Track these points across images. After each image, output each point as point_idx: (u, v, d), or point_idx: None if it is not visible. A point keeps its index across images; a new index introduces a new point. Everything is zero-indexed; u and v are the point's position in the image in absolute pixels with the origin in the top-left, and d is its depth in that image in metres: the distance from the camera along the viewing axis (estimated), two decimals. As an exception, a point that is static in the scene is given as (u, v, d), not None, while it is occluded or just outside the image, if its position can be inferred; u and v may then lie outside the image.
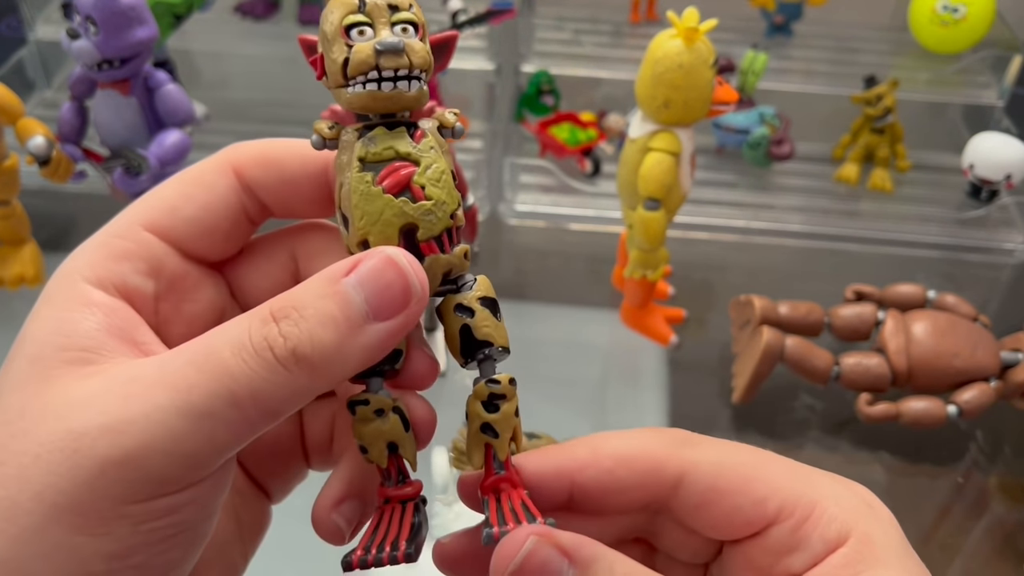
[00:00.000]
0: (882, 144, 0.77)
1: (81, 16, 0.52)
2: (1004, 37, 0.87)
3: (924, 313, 0.56)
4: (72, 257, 0.23)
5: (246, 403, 0.19)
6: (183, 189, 0.23)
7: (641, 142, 0.53)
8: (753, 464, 0.23)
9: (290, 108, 0.81)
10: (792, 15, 0.89)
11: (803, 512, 0.22)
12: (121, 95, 0.55)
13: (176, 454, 0.19)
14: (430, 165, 0.22)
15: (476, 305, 0.22)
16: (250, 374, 0.19)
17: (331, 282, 0.20)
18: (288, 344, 0.19)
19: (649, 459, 0.23)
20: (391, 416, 0.22)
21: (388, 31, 0.22)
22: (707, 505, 0.23)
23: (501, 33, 0.85)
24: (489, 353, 0.23)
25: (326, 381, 0.20)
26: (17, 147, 0.57)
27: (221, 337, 0.20)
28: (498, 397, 0.23)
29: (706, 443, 0.24)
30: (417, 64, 0.22)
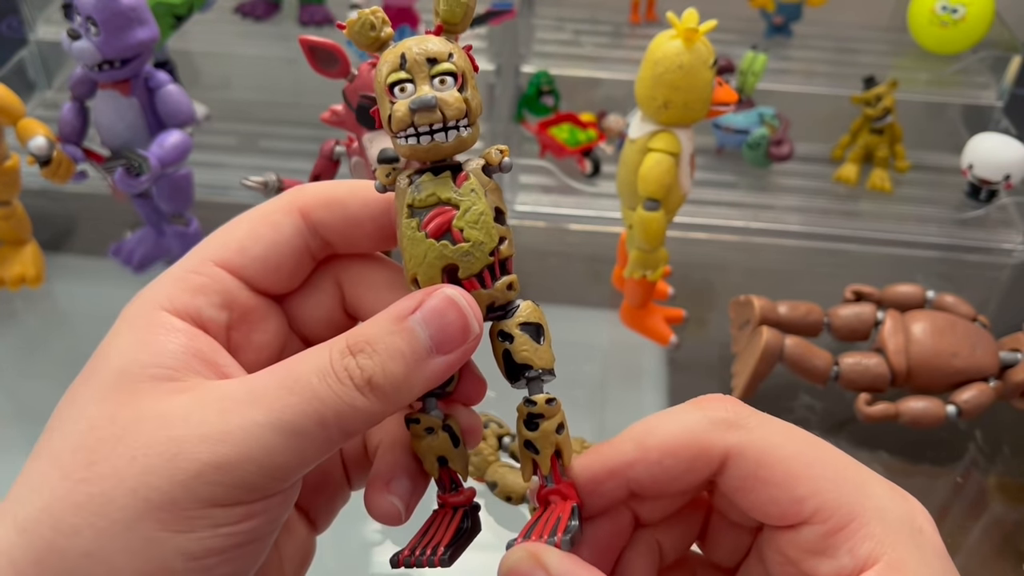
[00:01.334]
0: (881, 144, 0.77)
1: (82, 17, 0.52)
2: (1003, 38, 0.87)
3: (923, 313, 0.56)
4: (149, 288, 0.24)
5: (331, 424, 0.22)
6: (252, 228, 0.25)
7: (641, 142, 0.54)
8: (800, 459, 0.23)
9: (291, 108, 0.81)
10: (791, 16, 0.89)
11: (840, 520, 0.22)
12: (122, 95, 0.55)
13: (268, 466, 0.21)
14: (469, 208, 0.24)
15: (516, 331, 0.25)
16: (335, 399, 0.22)
17: (399, 320, 0.23)
18: (364, 375, 0.22)
19: (694, 446, 0.24)
20: (441, 434, 0.25)
21: (427, 86, 0.23)
22: (747, 491, 0.24)
23: (501, 34, 0.85)
24: (530, 375, 0.25)
25: (395, 406, 0.22)
26: (18, 147, 0.57)
27: (307, 365, 0.22)
28: (536, 416, 0.25)
29: (754, 424, 0.24)
30: (451, 116, 0.23)
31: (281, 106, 0.82)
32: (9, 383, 0.58)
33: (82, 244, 0.70)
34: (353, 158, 0.51)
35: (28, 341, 0.61)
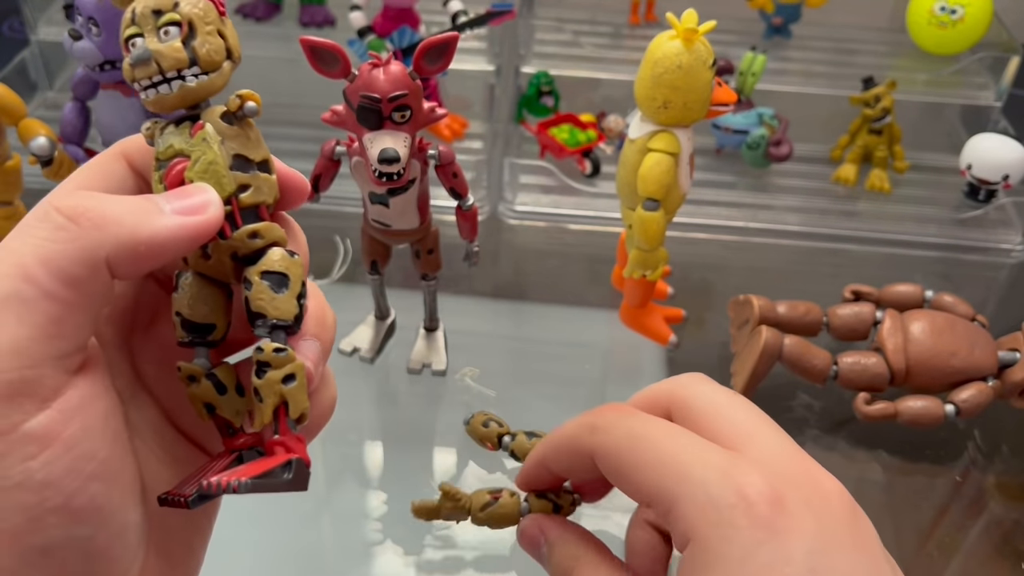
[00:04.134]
0: (880, 145, 0.77)
1: (83, 17, 0.52)
2: (1002, 38, 0.87)
3: (922, 313, 0.56)
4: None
5: (36, 272, 0.19)
6: (83, 177, 0.24)
7: (640, 143, 0.54)
8: (637, 454, 0.26)
9: (292, 108, 0.82)
10: (790, 17, 0.89)
11: (663, 506, 0.25)
12: (123, 96, 0.56)
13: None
14: (199, 159, 0.24)
15: (255, 278, 0.24)
16: (31, 241, 0.20)
17: (139, 195, 0.23)
18: (68, 203, 0.20)
19: (570, 447, 0.29)
20: (203, 382, 0.25)
21: (154, 38, 0.24)
22: (613, 481, 0.27)
23: (501, 34, 0.85)
24: (261, 323, 0.24)
25: (119, 241, 0.21)
26: (20, 148, 0.57)
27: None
28: (263, 364, 0.23)
29: (613, 427, 0.27)
30: (167, 67, 0.23)
31: (282, 106, 0.82)
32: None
33: (83, 244, 0.70)
34: (354, 158, 0.51)
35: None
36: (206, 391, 0.25)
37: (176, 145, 0.24)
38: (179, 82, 0.24)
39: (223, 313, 0.25)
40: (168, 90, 0.24)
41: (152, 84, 0.24)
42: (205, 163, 0.24)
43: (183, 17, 0.24)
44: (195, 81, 0.24)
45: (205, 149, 0.24)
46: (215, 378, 0.25)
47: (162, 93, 0.24)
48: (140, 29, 0.24)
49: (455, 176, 0.50)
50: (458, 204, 0.52)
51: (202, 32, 0.24)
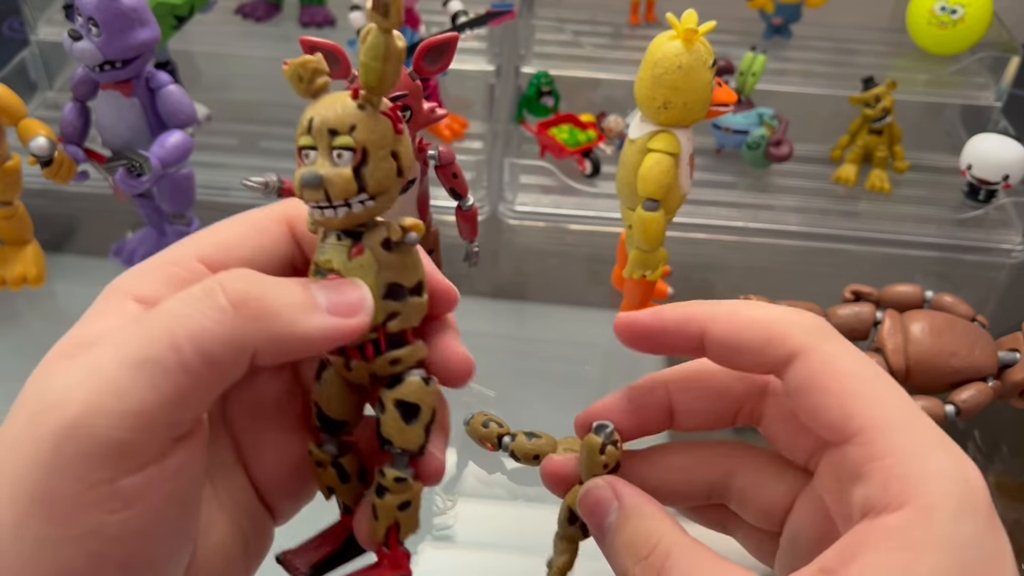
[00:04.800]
0: (880, 145, 0.77)
1: (83, 17, 0.52)
2: (1002, 38, 0.87)
3: (922, 313, 0.56)
4: (124, 275, 0.24)
5: (185, 347, 0.19)
6: (240, 230, 0.25)
7: (640, 143, 0.54)
8: (862, 379, 0.23)
9: (291, 109, 0.81)
10: (791, 17, 0.89)
11: (878, 449, 0.22)
12: (123, 96, 0.56)
13: (121, 412, 0.19)
14: None
15: (389, 405, 0.25)
16: (190, 314, 0.20)
17: (297, 280, 0.23)
18: (229, 290, 0.20)
19: (773, 331, 0.24)
20: (329, 469, 0.26)
21: (327, 159, 0.23)
22: (805, 392, 0.23)
23: (501, 34, 0.85)
24: (389, 450, 0.25)
25: (268, 335, 0.21)
26: (19, 148, 0.57)
27: (172, 297, 0.21)
28: (383, 488, 0.25)
29: (832, 337, 0.24)
30: (335, 196, 0.23)
31: (282, 107, 0.82)
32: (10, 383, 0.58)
33: (83, 244, 0.70)
34: (354, 158, 0.51)
35: (29, 341, 0.61)
36: (330, 477, 0.26)
37: (335, 263, 0.24)
38: (345, 209, 0.23)
39: (358, 412, 0.26)
40: (333, 214, 0.23)
41: (319, 206, 0.23)
42: None
43: (358, 144, 0.23)
44: (361, 208, 0.23)
45: (361, 277, 0.24)
46: (340, 467, 0.26)
47: (327, 216, 0.23)
48: (314, 143, 0.23)
49: (455, 176, 0.50)
50: (458, 204, 0.52)
51: (375, 158, 0.23)
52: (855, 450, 0.22)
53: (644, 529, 0.24)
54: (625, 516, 0.25)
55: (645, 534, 0.24)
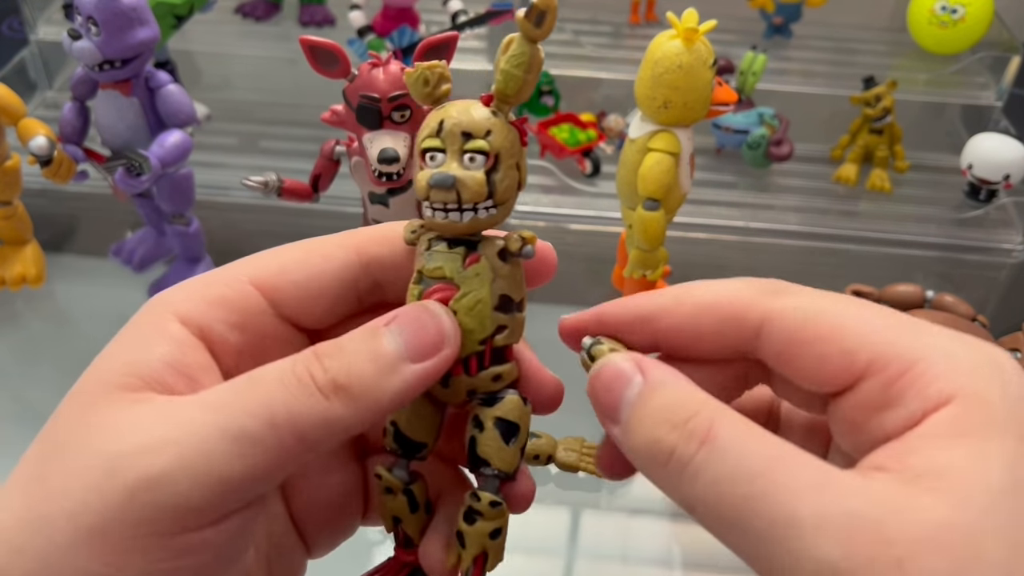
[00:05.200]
0: (881, 144, 0.77)
1: (83, 17, 0.52)
2: (1002, 38, 0.87)
3: (922, 313, 0.56)
4: (176, 288, 0.23)
5: (283, 425, 0.20)
6: (299, 254, 0.24)
7: (641, 142, 0.54)
8: (846, 313, 0.21)
9: (291, 108, 0.81)
10: (791, 16, 0.89)
11: (899, 366, 0.20)
12: (123, 96, 0.55)
13: (208, 476, 0.19)
14: (468, 293, 0.23)
15: (488, 423, 0.24)
16: (290, 398, 0.20)
17: (373, 330, 0.22)
18: (328, 375, 0.20)
19: (731, 306, 0.22)
20: (400, 496, 0.25)
21: (456, 161, 0.23)
22: (790, 355, 0.22)
23: (501, 34, 0.85)
24: (486, 472, 0.24)
25: (361, 414, 0.21)
26: (19, 147, 0.57)
27: (267, 368, 0.21)
28: (476, 513, 0.24)
29: (798, 292, 0.22)
30: (467, 199, 0.23)
31: (282, 106, 0.82)
32: (10, 383, 0.58)
33: (83, 244, 0.70)
34: (353, 158, 0.51)
35: (29, 341, 0.61)
36: (399, 506, 0.25)
37: (447, 271, 0.23)
38: (471, 213, 0.23)
39: (436, 434, 0.25)
40: (459, 219, 0.23)
41: (445, 209, 0.23)
42: (474, 300, 0.23)
43: (492, 149, 0.23)
44: (486, 215, 0.23)
45: (477, 286, 0.23)
46: (411, 495, 0.25)
47: (452, 220, 0.23)
48: (443, 145, 0.23)
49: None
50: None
51: (504, 166, 0.23)
52: (872, 383, 0.20)
53: (680, 396, 0.21)
54: (652, 388, 0.21)
55: (681, 401, 0.21)
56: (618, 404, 0.22)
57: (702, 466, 0.20)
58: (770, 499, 0.19)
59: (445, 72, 0.23)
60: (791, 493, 0.18)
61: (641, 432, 0.21)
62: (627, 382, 0.22)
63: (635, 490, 0.54)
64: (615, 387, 0.22)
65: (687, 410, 0.20)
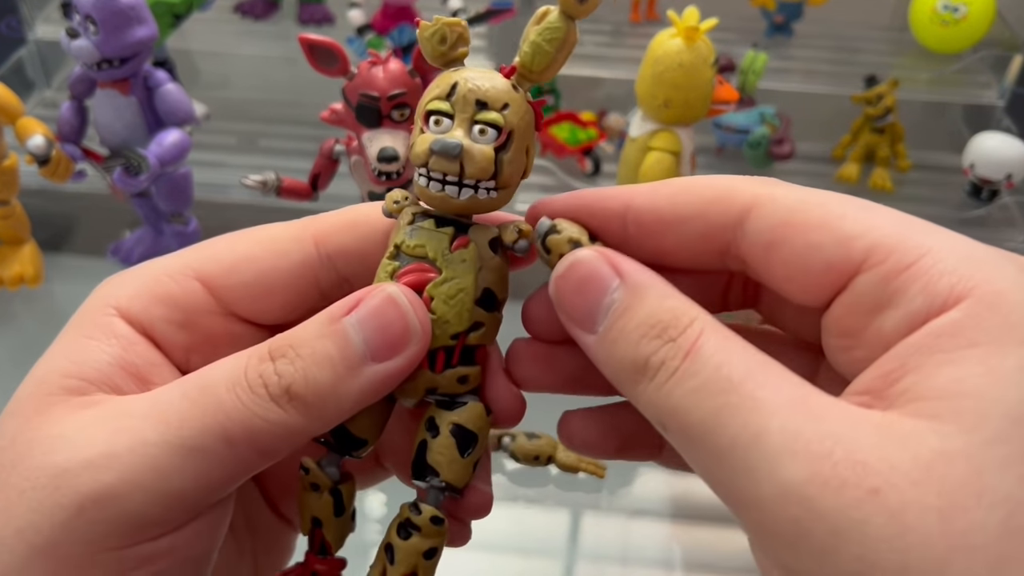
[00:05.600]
0: (882, 144, 0.77)
1: (81, 15, 0.52)
2: (1004, 36, 0.87)
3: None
4: (114, 282, 0.22)
5: (240, 441, 0.19)
6: (251, 250, 0.22)
7: (641, 141, 0.53)
8: (847, 203, 0.18)
9: (290, 107, 0.81)
10: (792, 14, 0.89)
11: (902, 258, 0.17)
12: (121, 95, 0.55)
13: (160, 492, 0.18)
14: (450, 279, 0.21)
15: (445, 429, 0.21)
16: (244, 411, 0.19)
17: (331, 320, 0.20)
18: (282, 382, 0.19)
19: (716, 189, 0.20)
20: (325, 495, 0.22)
21: (462, 129, 0.20)
22: (779, 244, 0.18)
23: (501, 33, 0.85)
24: (432, 483, 0.21)
25: (321, 422, 0.20)
26: (17, 147, 0.57)
27: (217, 372, 0.19)
28: (412, 526, 0.21)
29: (789, 185, 0.19)
30: (471, 174, 0.20)
31: (280, 105, 0.82)
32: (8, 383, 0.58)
33: (81, 244, 0.70)
34: (353, 157, 0.51)
35: (27, 341, 0.61)
36: (323, 506, 0.22)
37: (429, 250, 0.21)
38: (470, 191, 0.21)
39: (380, 431, 0.22)
40: (455, 194, 0.21)
41: (443, 180, 0.21)
42: (455, 288, 0.21)
43: (507, 125, 0.20)
44: (485, 196, 0.21)
45: (461, 273, 0.21)
46: (339, 496, 0.22)
47: (449, 194, 0.21)
48: (452, 111, 0.21)
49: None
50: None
51: (515, 147, 0.21)
52: (869, 277, 0.17)
53: (669, 305, 0.19)
54: (636, 294, 0.19)
55: (671, 310, 0.18)
56: (595, 312, 0.19)
57: (682, 376, 0.18)
58: (739, 412, 0.17)
59: (465, 33, 0.21)
60: (763, 408, 0.16)
61: (625, 346, 0.19)
62: (604, 287, 0.19)
63: (635, 491, 0.54)
64: (589, 292, 0.19)
65: (679, 322, 0.18)
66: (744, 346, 0.18)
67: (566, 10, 0.20)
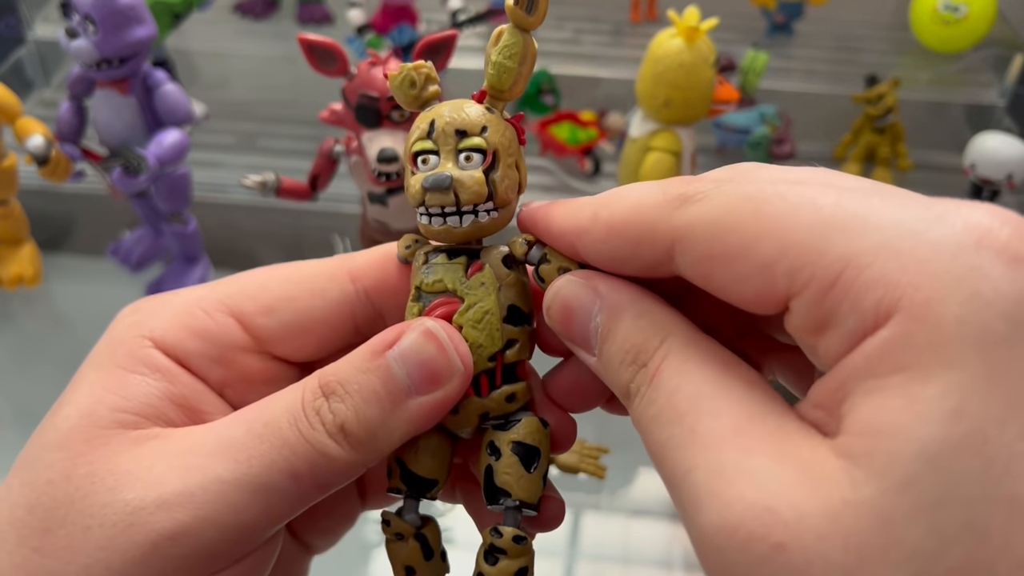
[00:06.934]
0: (883, 144, 0.77)
1: (80, 15, 0.52)
2: (1005, 36, 0.87)
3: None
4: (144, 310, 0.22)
5: (304, 476, 0.20)
6: (288, 289, 0.23)
7: (642, 141, 0.53)
8: (764, 211, 0.17)
9: (289, 107, 0.81)
10: (793, 14, 0.89)
11: (824, 276, 0.16)
12: (120, 94, 0.55)
13: (231, 527, 0.19)
14: (473, 304, 0.22)
15: (505, 448, 0.22)
16: (307, 447, 0.20)
17: (374, 355, 0.20)
18: (337, 420, 0.20)
19: (641, 225, 0.19)
20: (411, 542, 0.23)
21: (451, 162, 0.21)
22: (709, 276, 0.18)
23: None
24: (507, 504, 0.21)
25: (373, 455, 0.20)
26: (16, 146, 0.57)
27: (277, 406, 0.20)
28: (498, 551, 0.21)
29: (713, 195, 0.18)
30: (466, 200, 0.21)
31: (280, 105, 0.82)
32: (7, 383, 0.58)
33: (80, 244, 0.70)
34: (352, 157, 0.51)
35: (26, 341, 0.61)
36: (412, 553, 0.22)
37: (448, 283, 0.22)
38: (471, 216, 0.21)
39: (447, 468, 0.22)
40: (457, 223, 0.21)
41: (442, 213, 0.21)
42: (480, 312, 0.21)
43: (489, 146, 0.21)
44: (487, 218, 0.21)
45: (482, 296, 0.21)
46: (424, 540, 0.22)
47: (451, 225, 0.21)
48: (436, 147, 0.21)
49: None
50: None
51: (504, 164, 0.21)
52: (802, 301, 0.16)
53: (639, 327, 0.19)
54: (613, 316, 0.19)
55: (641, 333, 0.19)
56: (588, 337, 0.20)
57: (646, 404, 0.18)
58: (679, 446, 0.16)
59: (432, 73, 0.22)
60: (697, 443, 0.16)
61: (612, 371, 0.19)
62: (588, 313, 0.20)
63: (636, 491, 0.54)
64: (575, 320, 0.20)
65: (648, 345, 0.18)
66: (704, 367, 0.18)
67: (518, 24, 0.21)
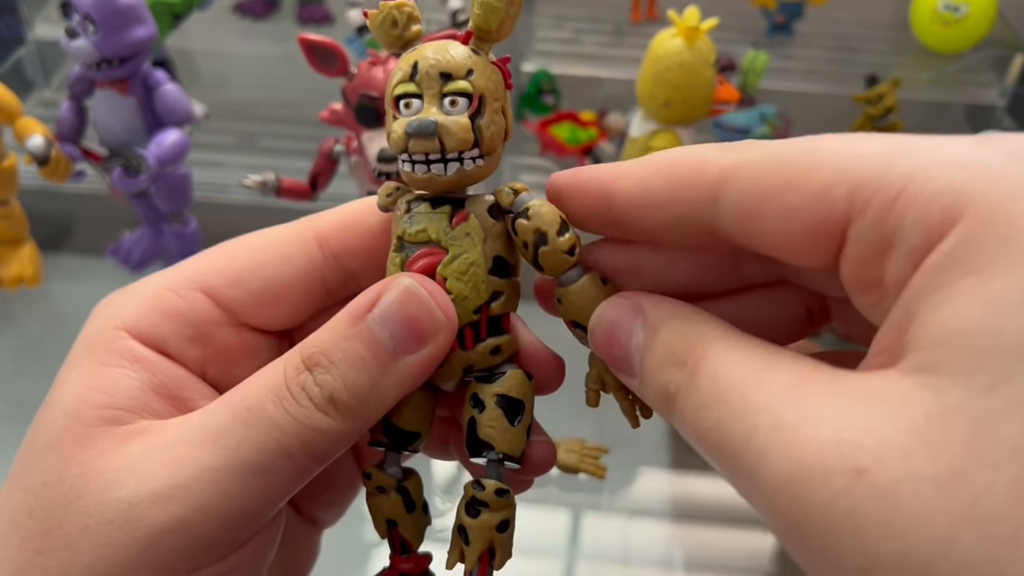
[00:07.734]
0: (883, 143, 0.77)
1: (80, 15, 0.52)
2: (1006, 36, 0.87)
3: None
4: (115, 301, 0.22)
5: (297, 454, 0.19)
6: (255, 257, 0.22)
7: (642, 141, 0.53)
8: (817, 146, 0.16)
9: (289, 107, 0.81)
10: (793, 14, 0.89)
11: (888, 192, 0.15)
12: (120, 95, 0.55)
13: (229, 515, 0.19)
14: (458, 255, 0.21)
15: (489, 401, 0.21)
16: (296, 424, 0.19)
17: (355, 320, 0.20)
18: (324, 392, 0.19)
19: (686, 164, 0.18)
20: (393, 495, 0.22)
21: (435, 106, 0.20)
22: (756, 215, 0.17)
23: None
24: (489, 456, 0.21)
25: (367, 421, 0.20)
26: (16, 147, 0.57)
27: (259, 387, 0.20)
28: (480, 504, 0.21)
29: (761, 144, 0.18)
30: (451, 147, 0.20)
31: (280, 105, 0.82)
32: (7, 383, 0.58)
33: (80, 244, 0.70)
34: (352, 157, 0.51)
35: (26, 341, 0.61)
36: (394, 506, 0.22)
37: (431, 233, 0.21)
38: (456, 164, 0.20)
39: (430, 420, 0.22)
40: (442, 171, 0.20)
41: (426, 160, 0.20)
42: (466, 263, 0.21)
43: (476, 89, 0.20)
44: (472, 166, 0.21)
45: (468, 247, 0.21)
46: (406, 493, 0.22)
47: (435, 173, 0.20)
48: (419, 90, 0.20)
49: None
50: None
51: (490, 109, 0.21)
52: (863, 222, 0.15)
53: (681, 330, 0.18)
54: (654, 330, 0.19)
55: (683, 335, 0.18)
56: (629, 357, 0.19)
57: (690, 396, 0.17)
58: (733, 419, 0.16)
59: (414, 11, 0.21)
60: (752, 408, 0.15)
61: (653, 381, 0.19)
62: (629, 332, 0.19)
63: (636, 491, 0.54)
64: (617, 341, 0.20)
65: (690, 346, 0.18)
66: (745, 349, 0.17)
67: None
